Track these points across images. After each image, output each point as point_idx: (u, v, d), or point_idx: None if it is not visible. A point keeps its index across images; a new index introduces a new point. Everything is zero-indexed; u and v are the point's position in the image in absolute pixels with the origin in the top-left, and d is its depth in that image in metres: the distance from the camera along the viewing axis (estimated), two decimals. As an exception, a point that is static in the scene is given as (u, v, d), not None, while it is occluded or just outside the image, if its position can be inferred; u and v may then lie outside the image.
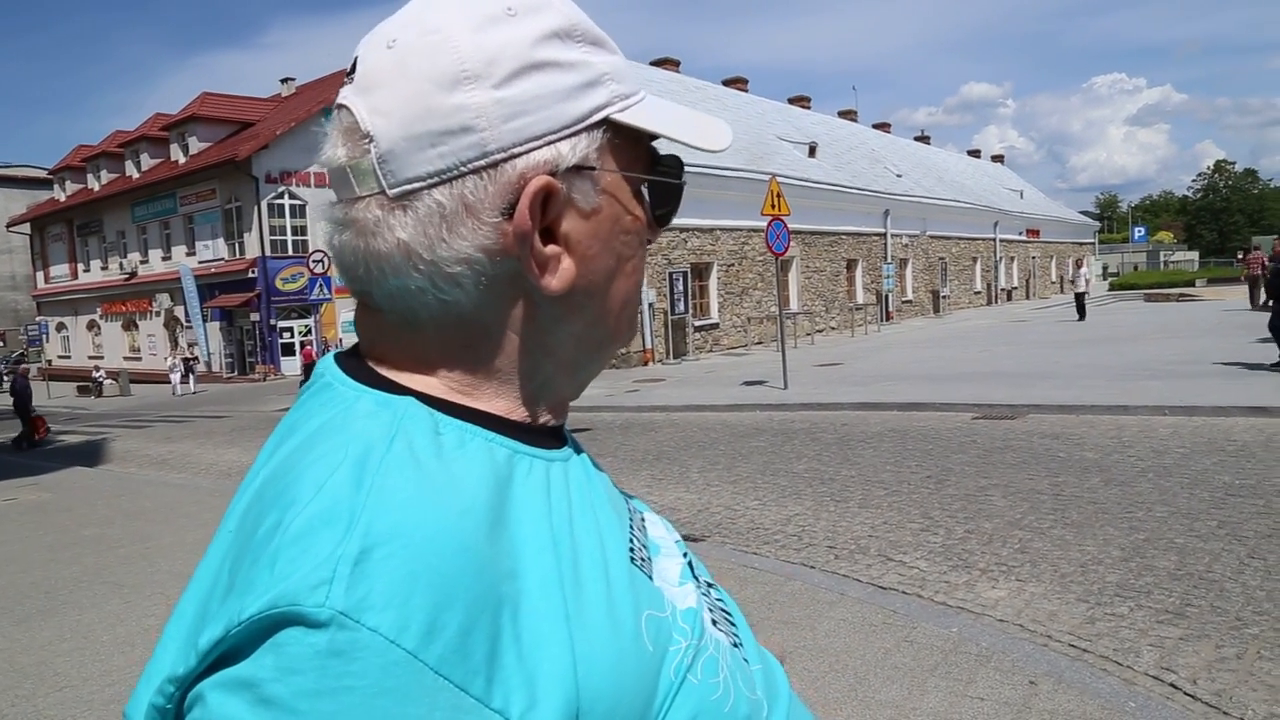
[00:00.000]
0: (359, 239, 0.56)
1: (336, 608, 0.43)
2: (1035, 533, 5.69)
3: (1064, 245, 51.81)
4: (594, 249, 0.60)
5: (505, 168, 0.55)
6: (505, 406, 0.61)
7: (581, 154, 0.58)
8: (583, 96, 0.58)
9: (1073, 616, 4.34)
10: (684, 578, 0.67)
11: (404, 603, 0.44)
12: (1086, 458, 7.70)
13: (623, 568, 0.59)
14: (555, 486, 0.59)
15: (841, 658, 3.93)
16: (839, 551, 5.70)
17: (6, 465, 14.18)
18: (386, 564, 0.45)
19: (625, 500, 0.71)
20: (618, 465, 9.37)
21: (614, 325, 0.65)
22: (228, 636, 0.44)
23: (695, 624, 0.62)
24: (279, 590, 0.44)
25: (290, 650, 0.43)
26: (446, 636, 0.45)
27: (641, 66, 28.87)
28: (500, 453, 0.57)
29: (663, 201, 0.66)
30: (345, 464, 0.49)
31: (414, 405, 0.56)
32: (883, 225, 31.46)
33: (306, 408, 0.58)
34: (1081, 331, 20.30)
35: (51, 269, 44.84)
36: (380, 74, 0.56)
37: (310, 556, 0.45)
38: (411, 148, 0.54)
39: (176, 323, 35.23)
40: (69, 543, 7.65)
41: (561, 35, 0.58)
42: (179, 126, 35.11)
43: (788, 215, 13.66)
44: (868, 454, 8.77)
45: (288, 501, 0.48)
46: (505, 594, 0.49)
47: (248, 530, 0.49)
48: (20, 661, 4.76)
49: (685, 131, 0.64)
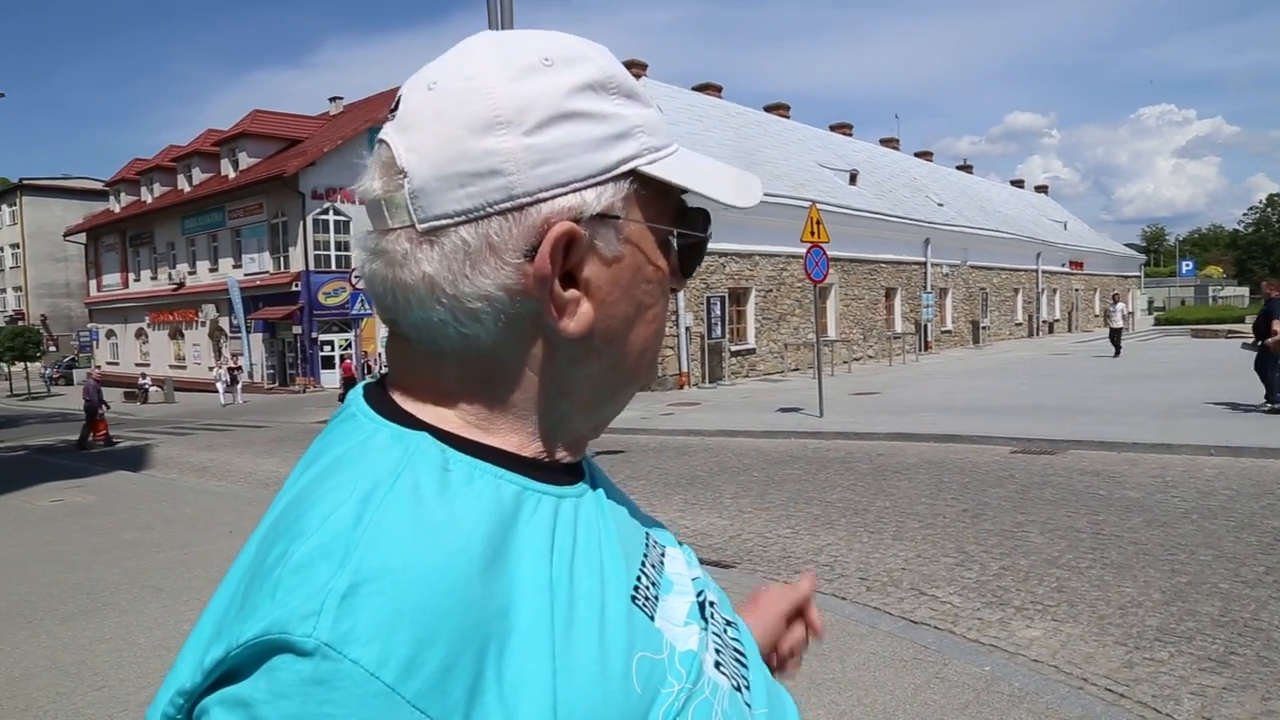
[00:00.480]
0: (388, 269, 0.59)
1: (322, 639, 0.46)
2: (1073, 572, 5.59)
3: (1108, 278, 51.05)
4: (614, 295, 0.62)
5: (530, 211, 0.58)
6: (519, 442, 0.62)
7: (606, 203, 0.60)
8: (612, 147, 0.61)
9: (1110, 660, 4.26)
10: (690, 618, 0.67)
11: (387, 637, 0.46)
12: (1128, 497, 7.56)
13: (621, 608, 0.60)
14: (562, 524, 0.60)
15: (870, 692, 3.89)
16: (871, 583, 5.65)
17: (55, 468, 14.50)
18: (373, 600, 0.47)
19: (645, 533, 0.71)
20: (651, 488, 9.36)
21: (631, 370, 0.67)
22: (228, 657, 0.47)
23: (692, 667, 0.63)
24: (274, 618, 0.47)
25: (280, 675, 0.46)
26: (426, 672, 0.47)
27: (682, 91, 29.06)
28: (508, 490, 0.58)
29: (687, 254, 0.68)
30: (350, 499, 0.52)
31: (426, 441, 0.58)
32: (923, 254, 31.24)
33: (331, 436, 0.62)
34: (1125, 367, 19.95)
35: (104, 278, 45.94)
36: (419, 114, 0.59)
37: (304, 588, 0.47)
38: (442, 186, 0.57)
39: (221, 333, 35.90)
40: (111, 545, 7.81)
41: (595, 87, 0.61)
42: (230, 142, 35.95)
43: (827, 242, 13.63)
44: (903, 485, 8.68)
45: (296, 532, 0.51)
46: (492, 633, 0.51)
47: (262, 554, 0.52)
48: (61, 659, 4.86)
49: (714, 186, 0.66)
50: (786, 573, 5.97)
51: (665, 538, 0.76)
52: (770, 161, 27.08)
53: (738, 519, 7.70)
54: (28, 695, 4.39)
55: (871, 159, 36.55)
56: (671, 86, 28.53)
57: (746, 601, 0.95)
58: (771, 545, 6.74)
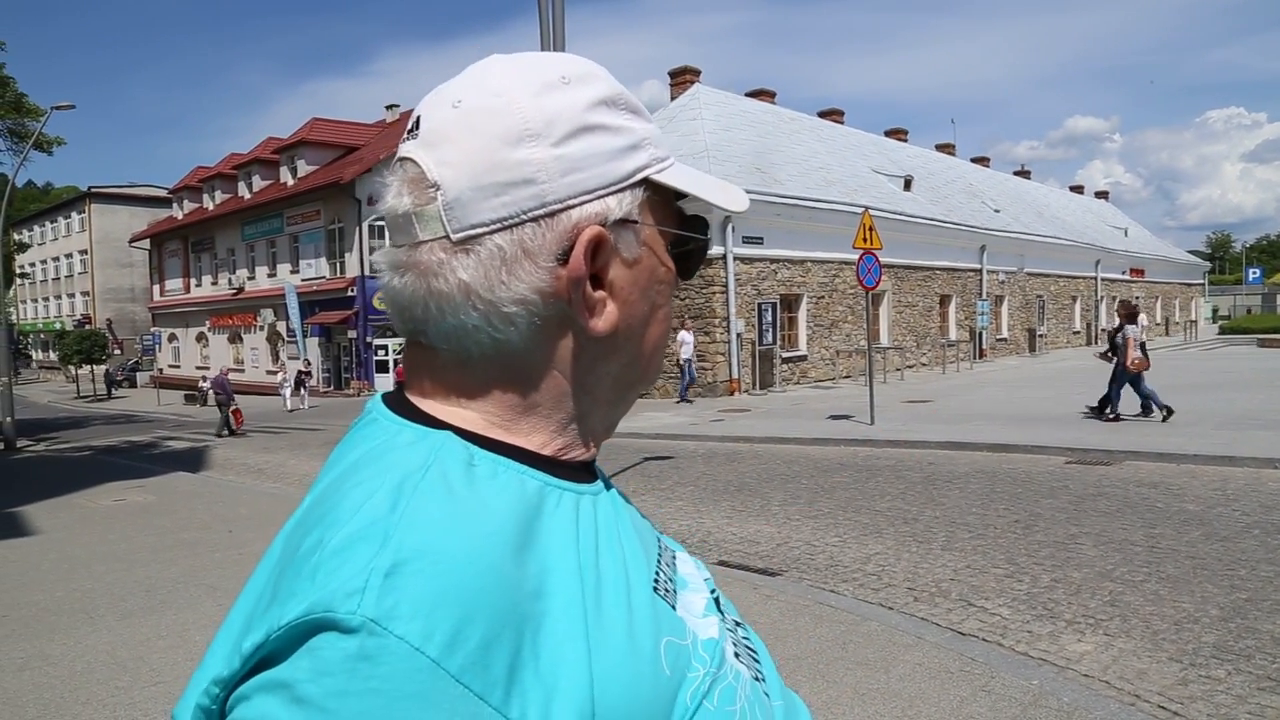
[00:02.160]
0: (420, 280, 0.61)
1: (368, 615, 0.47)
2: (1127, 585, 5.46)
3: (1170, 285, 49.72)
4: (634, 295, 0.66)
5: (561, 217, 0.61)
6: (540, 441, 0.65)
7: (627, 209, 0.64)
8: (627, 158, 0.65)
9: (1164, 676, 4.15)
10: (708, 611, 0.70)
11: (429, 614, 0.48)
12: (1186, 509, 7.36)
13: (645, 596, 0.63)
14: (584, 518, 0.63)
15: (915, 704, 3.84)
16: (919, 594, 5.58)
17: (117, 468, 14.94)
18: (415, 578, 0.49)
19: (656, 537, 0.74)
20: (699, 495, 9.35)
21: (645, 367, 0.70)
22: (268, 641, 0.49)
23: (715, 653, 0.65)
24: (316, 598, 0.48)
25: (323, 654, 0.47)
26: (469, 648, 0.48)
27: (736, 97, 29.00)
28: (531, 484, 0.61)
29: (689, 257, 0.72)
30: (383, 489, 0.54)
31: (450, 438, 0.61)
32: (979, 261, 30.74)
33: (352, 439, 0.64)
34: (1187, 376, 19.41)
35: (167, 283, 47.21)
36: (446, 130, 0.62)
37: (346, 568, 0.49)
38: (477, 197, 0.60)
39: (279, 337, 36.65)
40: (169, 545, 8.02)
41: (608, 103, 0.65)
42: (289, 150, 36.71)
43: (879, 249, 13.50)
44: (954, 495, 8.56)
45: (330, 522, 0.53)
46: (528, 612, 0.53)
47: (291, 548, 0.54)
48: (120, 655, 5.01)
49: (711, 193, 0.70)
50: (834, 581, 5.93)
51: (673, 544, 0.78)
52: (824, 167, 26.89)
53: (785, 526, 7.66)
54: (88, 689, 4.53)
55: (926, 164, 36.09)
56: (725, 93, 28.51)
57: None
58: (819, 553, 6.69)
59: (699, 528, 7.82)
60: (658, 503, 9.06)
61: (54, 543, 8.53)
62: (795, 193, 22.76)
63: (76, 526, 9.39)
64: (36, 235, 64.46)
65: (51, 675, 4.75)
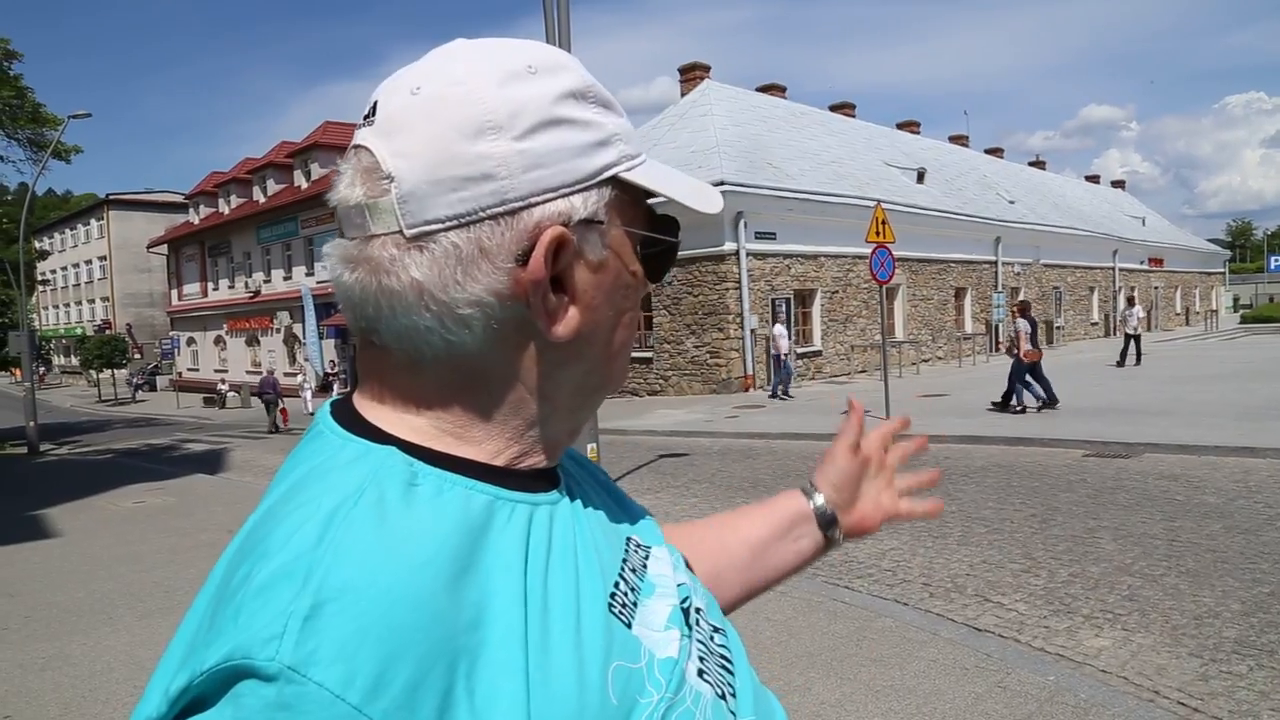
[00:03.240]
0: (371, 276, 0.58)
1: (285, 662, 0.45)
2: (1146, 580, 5.41)
3: (1189, 275, 49.24)
4: (598, 300, 0.63)
5: (522, 216, 0.58)
6: (493, 450, 0.62)
7: (592, 209, 0.61)
8: (595, 154, 0.61)
9: (1184, 672, 4.10)
10: (671, 622, 0.67)
11: (351, 657, 0.46)
12: (1207, 502, 7.29)
13: (598, 616, 0.60)
14: (536, 533, 0.60)
15: (930, 700, 3.82)
16: (934, 589, 5.54)
17: (137, 470, 15.07)
18: (336, 619, 0.46)
19: (626, 537, 0.71)
20: (713, 492, 9.34)
21: (609, 372, 0.67)
22: (192, 685, 0.47)
23: (673, 675, 0.62)
24: (236, 643, 0.46)
25: (245, 701, 0.45)
26: (394, 691, 0.46)
27: (746, 92, 28.93)
28: (478, 500, 0.58)
29: (658, 259, 0.68)
30: (314, 518, 0.51)
31: (393, 455, 0.58)
32: (994, 253, 30.54)
33: (299, 455, 0.62)
34: (1207, 367, 19.22)
35: (185, 287, 47.60)
36: (403, 119, 0.58)
37: (266, 611, 0.47)
38: (433, 191, 0.56)
39: (295, 339, 36.87)
40: (188, 546, 8.08)
41: (577, 95, 0.61)
42: (303, 154, 36.90)
43: (892, 242, 13.42)
44: (970, 489, 8.50)
45: (260, 553, 0.51)
46: (462, 646, 0.50)
47: (229, 575, 0.52)
48: (140, 655, 5.05)
49: (683, 193, 0.67)
50: (848, 577, 5.91)
51: (650, 536, 0.75)
52: (835, 161, 26.78)
53: (799, 523, 7.61)
54: (108, 689, 4.58)
55: (939, 157, 35.87)
56: (735, 88, 28.42)
57: (816, 465, 1.06)
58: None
59: (714, 525, 7.79)
60: (672, 500, 9.05)
61: (75, 544, 8.63)
62: (807, 187, 22.68)
63: (97, 528, 9.49)
64: (57, 242, 65.11)
65: (72, 675, 4.81)
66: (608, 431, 12.89)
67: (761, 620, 4.90)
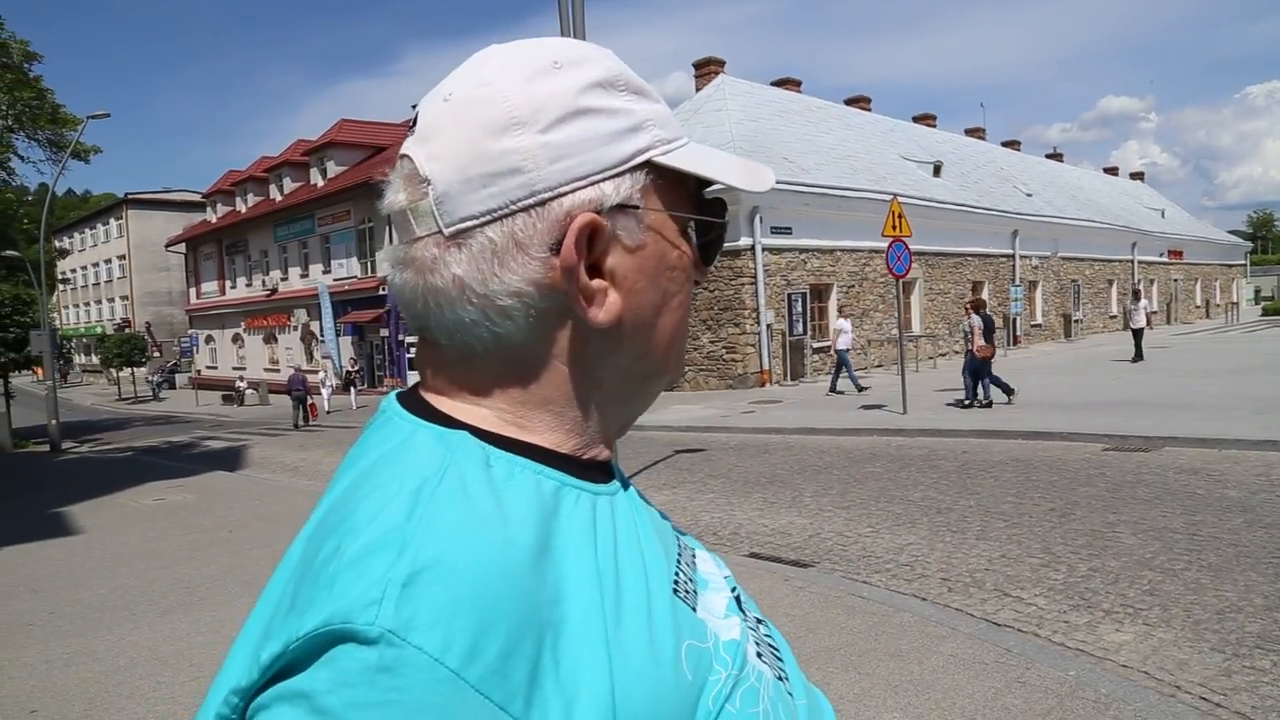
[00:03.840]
0: (418, 276, 0.61)
1: (386, 626, 0.46)
2: (1167, 574, 5.37)
3: (1210, 266, 48.75)
4: (640, 284, 0.64)
5: (552, 206, 0.59)
6: (556, 440, 0.64)
7: (625, 194, 0.62)
8: (625, 140, 0.62)
9: (1206, 667, 4.08)
10: (729, 611, 0.69)
11: (448, 624, 0.47)
12: (1228, 496, 7.22)
13: (665, 598, 0.61)
14: (601, 519, 0.61)
15: (949, 695, 3.81)
16: (953, 584, 5.53)
17: (157, 468, 15.21)
18: (433, 587, 0.48)
19: (676, 536, 0.73)
20: (730, 487, 9.34)
21: (661, 359, 0.68)
22: (287, 651, 0.48)
23: (737, 655, 0.64)
24: (334, 609, 0.47)
25: (343, 664, 0.46)
26: (488, 657, 0.47)
27: (761, 87, 28.81)
28: (548, 485, 0.60)
29: (707, 242, 0.69)
30: (400, 495, 0.53)
31: (466, 439, 0.60)
32: (1011, 246, 30.33)
33: (368, 441, 0.63)
34: (1228, 360, 19.04)
35: (203, 285, 47.91)
36: (437, 125, 0.61)
37: (364, 578, 0.48)
38: (465, 189, 0.59)
39: (312, 337, 37.05)
40: (208, 542, 8.16)
41: (604, 85, 0.63)
42: (318, 152, 37.04)
43: (909, 236, 13.36)
44: (988, 483, 8.47)
45: (347, 529, 0.52)
46: (547, 620, 0.52)
47: (310, 555, 0.53)
48: (162, 650, 5.11)
49: (726, 173, 0.67)
50: (866, 572, 5.89)
51: (693, 543, 0.77)
52: (851, 155, 26.66)
53: (818, 517, 7.62)
54: (131, 684, 4.63)
55: (956, 150, 35.64)
56: (750, 83, 28.31)
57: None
58: (851, 544, 6.66)
59: (730, 520, 7.81)
60: (689, 495, 9.06)
61: (97, 541, 8.72)
62: (823, 182, 22.59)
63: (119, 525, 9.58)
64: (77, 242, 65.69)
65: (97, 670, 4.86)
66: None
67: (780, 615, 4.89)
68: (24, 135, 22.09)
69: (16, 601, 6.52)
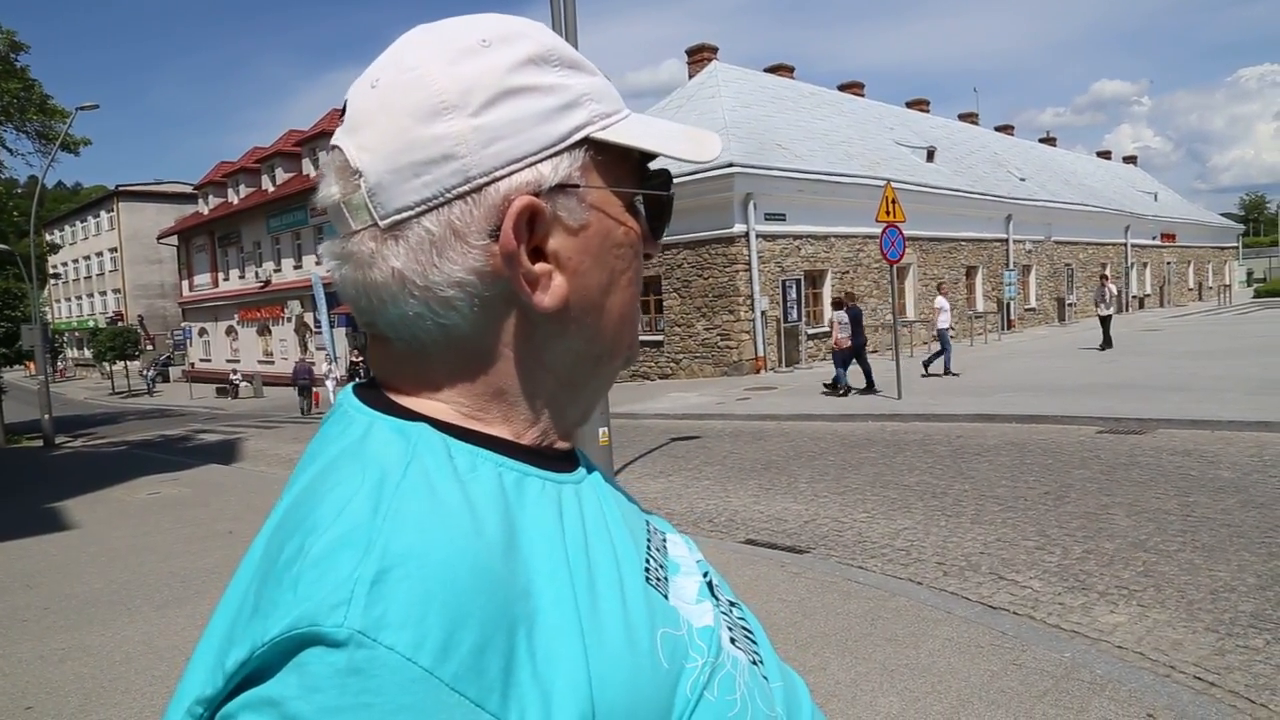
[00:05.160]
0: (357, 271, 0.59)
1: (354, 627, 0.44)
2: (1161, 555, 5.39)
3: (1203, 249, 48.83)
4: (585, 264, 0.62)
5: (489, 191, 0.57)
6: (514, 430, 0.62)
7: (564, 173, 0.60)
8: (561, 118, 0.60)
9: (1200, 647, 4.09)
10: (701, 596, 0.68)
11: (419, 621, 0.45)
12: (1222, 477, 7.25)
13: (638, 587, 0.60)
14: (568, 509, 0.60)
15: (945, 678, 3.82)
16: (948, 568, 5.54)
17: (152, 461, 15.17)
18: (402, 584, 0.46)
19: (644, 520, 0.71)
20: (726, 474, 9.34)
21: (613, 340, 0.66)
22: (252, 658, 0.46)
23: (711, 641, 0.63)
24: (300, 611, 0.45)
25: (312, 669, 0.44)
26: (461, 654, 0.46)
27: (754, 73, 28.74)
28: (510, 476, 0.58)
29: (655, 214, 0.67)
30: (363, 489, 0.51)
31: (427, 431, 0.58)
32: (1005, 231, 30.34)
33: (327, 435, 0.61)
34: (1220, 342, 19.10)
35: (195, 278, 47.73)
36: (365, 113, 0.59)
37: (329, 578, 0.46)
38: (397, 179, 0.57)
39: (306, 328, 36.94)
40: (203, 535, 8.13)
41: (536, 61, 0.61)
42: (311, 142, 36.86)
43: (903, 221, 13.36)
44: (983, 467, 8.48)
45: (309, 527, 0.50)
46: (520, 613, 0.50)
47: (272, 554, 0.51)
48: (158, 644, 5.09)
49: (669, 144, 0.65)
50: (862, 557, 5.90)
51: (663, 525, 0.75)
52: (845, 141, 26.62)
53: (813, 503, 7.63)
54: (127, 679, 4.61)
55: (949, 135, 35.62)
56: (744, 69, 28.24)
57: None
58: (847, 530, 6.67)
59: (726, 507, 7.81)
60: (685, 483, 9.06)
61: (92, 536, 8.70)
62: (817, 168, 22.56)
63: (113, 520, 9.56)
64: (67, 235, 65.34)
65: (92, 665, 4.85)
66: (619, 415, 12.91)
67: (776, 601, 4.90)
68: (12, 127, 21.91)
69: (11, 597, 6.49)
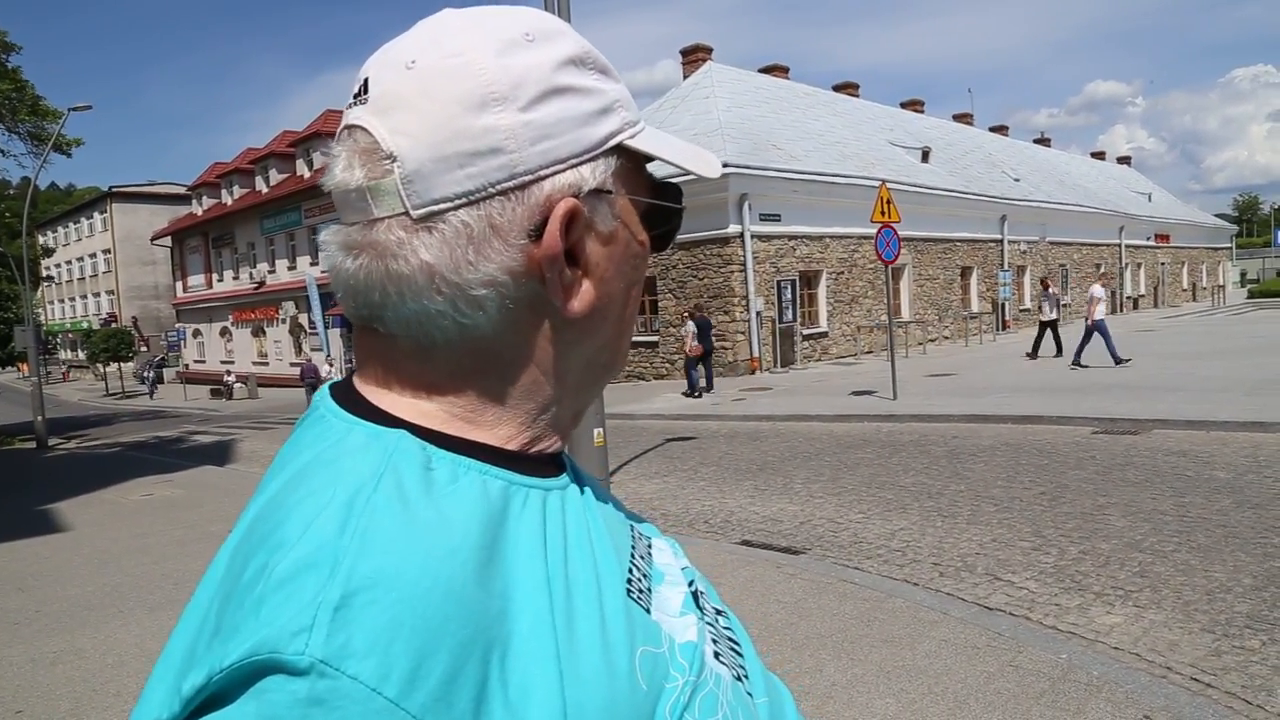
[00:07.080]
0: (378, 261, 0.56)
1: (316, 655, 0.42)
2: (1157, 556, 5.39)
3: (1197, 250, 48.98)
4: (610, 272, 0.61)
5: (533, 190, 0.56)
6: (506, 434, 0.60)
7: (600, 178, 0.59)
8: (599, 122, 0.59)
9: (1196, 648, 4.09)
10: (685, 608, 0.65)
11: (386, 649, 0.43)
12: (1217, 477, 7.25)
13: (618, 602, 0.58)
14: (552, 518, 0.58)
15: (941, 680, 3.81)
16: (944, 569, 5.53)
17: (145, 463, 15.11)
18: (368, 610, 0.44)
19: (629, 526, 0.69)
20: (721, 475, 9.33)
21: (617, 349, 0.66)
22: (210, 683, 0.44)
23: (694, 659, 0.60)
24: (261, 637, 0.43)
25: (271, 698, 0.42)
26: (430, 684, 0.44)
27: (749, 73, 28.77)
28: (495, 485, 0.56)
29: (664, 226, 0.66)
30: (332, 505, 0.49)
31: (405, 439, 0.55)
32: (999, 231, 30.40)
33: (300, 440, 0.58)
34: (1215, 342, 19.14)
35: (189, 279, 47.59)
36: (401, 95, 0.56)
37: (292, 603, 0.44)
38: (439, 169, 0.54)
39: (301, 329, 36.88)
40: (196, 537, 8.10)
41: (577, 62, 0.59)
42: (305, 143, 36.79)
43: (898, 222, 13.36)
44: (978, 468, 8.48)
45: (275, 543, 0.47)
46: (494, 637, 0.48)
47: (235, 571, 0.48)
48: (149, 647, 5.06)
49: (685, 159, 0.65)
50: (858, 558, 5.89)
51: (649, 530, 0.73)
52: (840, 141, 26.63)
53: (809, 504, 7.62)
54: (120, 681, 4.59)
55: (944, 135, 35.67)
56: (738, 70, 28.26)
57: None
58: (843, 530, 6.65)
59: (722, 508, 7.80)
60: (680, 484, 9.04)
61: (85, 538, 8.66)
62: (811, 168, 22.57)
63: (106, 522, 9.52)
64: (60, 236, 65.18)
65: (84, 669, 4.82)
66: (614, 416, 12.90)
67: (771, 602, 4.89)
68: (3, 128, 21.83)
69: (3, 600, 6.46)
